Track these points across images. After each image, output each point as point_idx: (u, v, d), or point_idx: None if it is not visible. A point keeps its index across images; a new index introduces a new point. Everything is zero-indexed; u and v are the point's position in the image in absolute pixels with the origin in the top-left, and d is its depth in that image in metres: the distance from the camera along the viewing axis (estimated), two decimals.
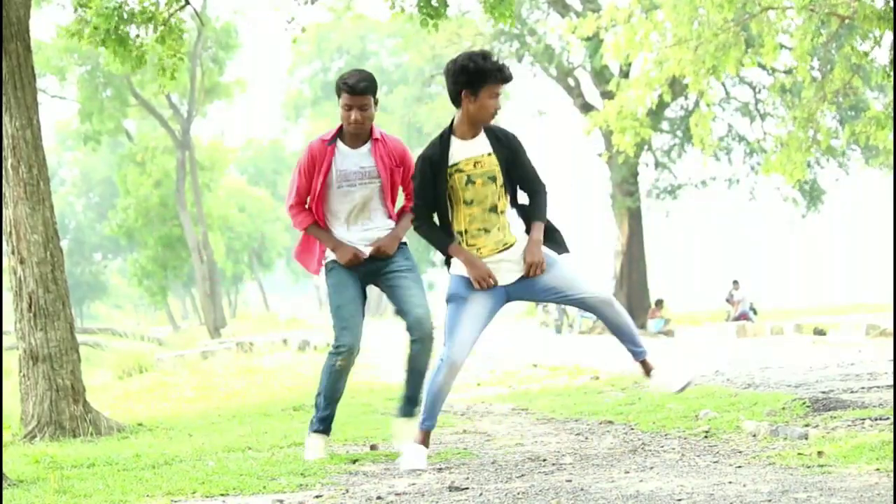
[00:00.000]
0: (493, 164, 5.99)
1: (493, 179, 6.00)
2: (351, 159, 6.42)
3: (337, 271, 6.48)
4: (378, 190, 6.46)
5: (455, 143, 6.03)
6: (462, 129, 6.02)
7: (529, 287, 6.09)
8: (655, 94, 18.77)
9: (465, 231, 6.05)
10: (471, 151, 6.00)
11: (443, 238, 6.07)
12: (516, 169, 6.06)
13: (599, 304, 6.09)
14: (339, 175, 6.40)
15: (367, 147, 6.44)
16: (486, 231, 6.03)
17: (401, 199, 6.71)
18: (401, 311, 6.50)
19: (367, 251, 6.46)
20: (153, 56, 10.92)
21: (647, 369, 6.26)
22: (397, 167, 6.50)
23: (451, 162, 5.98)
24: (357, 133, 6.39)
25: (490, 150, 6.01)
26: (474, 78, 5.89)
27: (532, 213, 6.11)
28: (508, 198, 6.08)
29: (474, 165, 5.98)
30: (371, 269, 6.50)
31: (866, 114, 17.01)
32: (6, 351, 19.93)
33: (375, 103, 6.37)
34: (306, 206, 6.52)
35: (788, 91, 22.73)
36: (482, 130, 6.05)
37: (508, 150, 6.04)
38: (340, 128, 6.46)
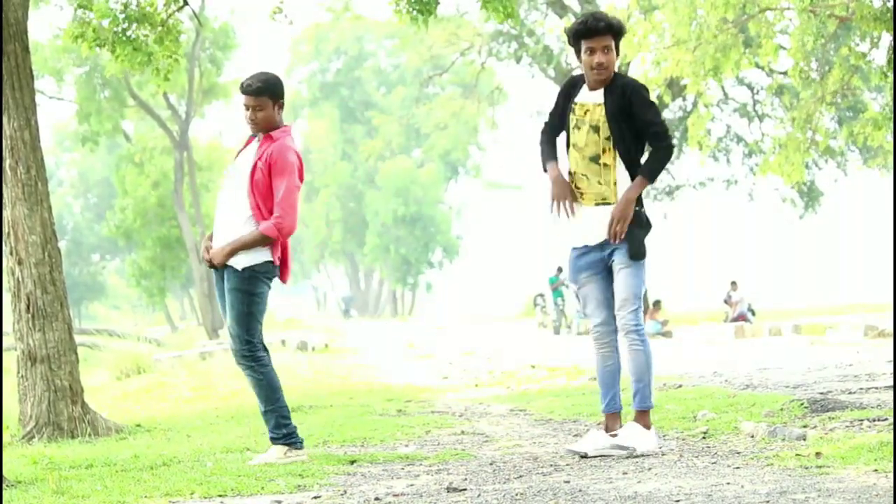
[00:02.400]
0: (599, 115, 6.13)
1: (597, 130, 6.13)
2: (244, 154, 6.55)
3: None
4: (243, 189, 6.44)
5: (583, 89, 6.26)
6: (591, 82, 6.22)
7: (613, 267, 6.23)
8: (654, 94, 18.78)
9: (574, 172, 6.23)
10: (587, 98, 6.20)
11: (549, 154, 6.31)
12: (630, 120, 6.13)
13: (623, 331, 6.16)
14: (231, 168, 6.56)
15: (256, 144, 6.54)
16: (587, 178, 6.18)
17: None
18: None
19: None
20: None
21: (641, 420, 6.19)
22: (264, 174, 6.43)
23: (575, 99, 6.24)
24: (254, 131, 6.53)
25: (601, 100, 6.15)
26: (570, 37, 6.24)
27: (640, 168, 6.18)
28: (618, 153, 6.14)
29: (584, 113, 6.17)
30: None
31: (864, 114, 17.02)
32: (4, 352, 19.92)
33: (276, 106, 6.44)
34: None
35: (787, 92, 22.75)
36: (609, 83, 6.17)
37: (622, 103, 6.12)
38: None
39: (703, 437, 6.67)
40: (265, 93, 6.43)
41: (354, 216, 62.97)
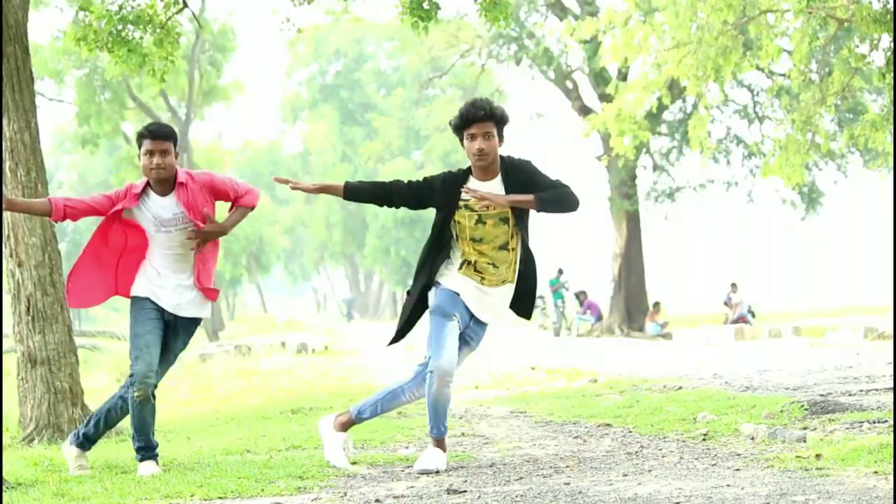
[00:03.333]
0: (506, 208, 6.06)
1: (505, 220, 6.10)
2: (161, 206, 6.44)
3: (140, 302, 6.50)
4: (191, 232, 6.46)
5: (472, 180, 6.14)
6: (476, 170, 6.14)
7: (472, 329, 6.26)
8: (654, 96, 18.79)
9: (474, 262, 6.15)
10: (485, 190, 6.06)
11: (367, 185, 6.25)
12: (535, 189, 6.07)
13: (440, 380, 6.03)
14: (158, 222, 6.42)
15: (172, 194, 6.44)
16: (494, 266, 6.16)
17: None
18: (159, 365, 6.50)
19: (173, 306, 6.47)
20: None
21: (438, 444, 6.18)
22: (208, 201, 6.48)
23: (459, 196, 6.07)
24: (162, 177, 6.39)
25: (502, 190, 6.07)
26: (453, 129, 6.15)
27: (546, 193, 6.07)
28: (520, 237, 6.16)
29: (487, 207, 6.04)
30: (170, 321, 6.52)
31: (864, 116, 17.02)
32: (5, 354, 19.92)
33: (175, 153, 6.42)
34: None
35: (787, 93, 22.74)
36: (498, 172, 6.10)
37: (522, 181, 6.08)
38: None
39: (703, 439, 6.67)
40: (171, 138, 6.41)
41: (354, 218, 62.99)
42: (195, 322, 6.59)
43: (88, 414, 8.89)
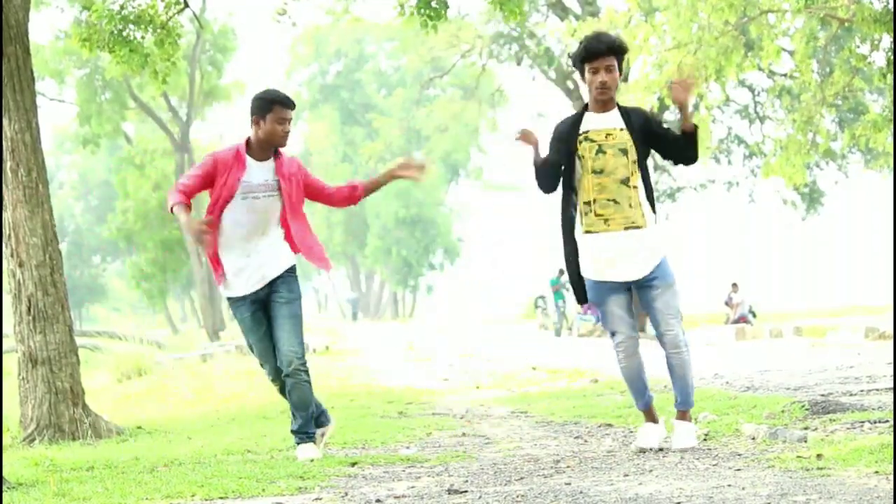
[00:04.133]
0: (625, 138, 6.15)
1: (625, 152, 6.16)
2: (254, 169, 6.53)
3: (238, 308, 6.61)
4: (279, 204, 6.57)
5: (587, 117, 6.22)
6: (594, 104, 6.21)
7: (643, 294, 6.27)
8: (655, 97, 18.78)
9: (594, 201, 6.17)
10: (603, 123, 6.18)
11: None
12: (654, 138, 6.21)
13: (669, 344, 6.34)
14: (245, 186, 6.49)
15: (270, 160, 6.57)
16: (616, 202, 6.16)
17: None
18: (274, 347, 6.60)
19: (256, 282, 6.54)
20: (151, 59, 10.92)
21: (680, 417, 6.41)
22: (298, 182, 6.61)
23: (583, 128, 6.18)
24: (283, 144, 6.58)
25: (622, 124, 6.17)
26: (574, 61, 6.22)
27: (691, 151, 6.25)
28: (640, 175, 6.20)
29: (606, 137, 6.15)
30: (262, 297, 6.58)
31: (865, 117, 17.02)
32: (5, 354, 19.92)
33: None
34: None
35: (787, 94, 22.74)
36: (616, 106, 6.21)
37: (643, 125, 6.19)
38: (248, 140, 6.59)
39: (704, 439, 6.67)
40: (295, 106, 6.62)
41: (355, 218, 62.96)
42: (284, 276, 6.58)
43: (90, 414, 8.90)
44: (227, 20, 38.19)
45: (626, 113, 6.22)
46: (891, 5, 14.09)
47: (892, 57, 14.67)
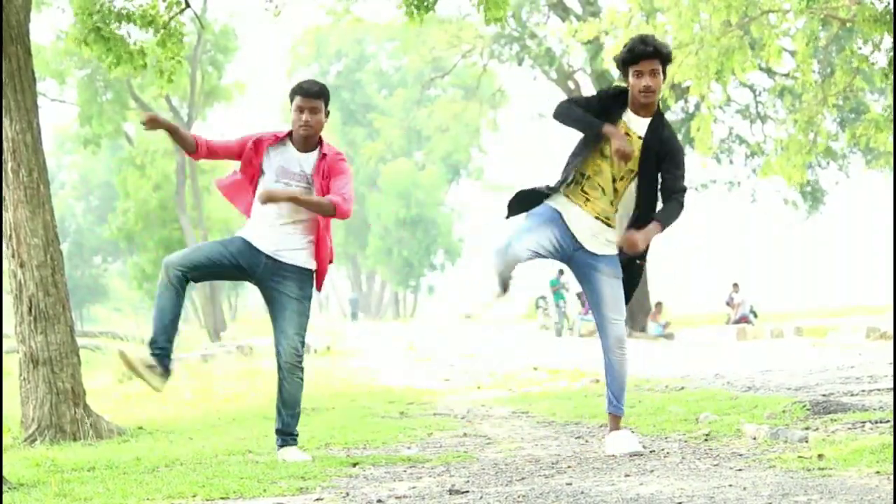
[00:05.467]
0: (636, 146, 6.14)
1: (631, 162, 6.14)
2: (293, 158, 6.56)
3: (234, 240, 6.59)
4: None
5: (627, 111, 6.21)
6: (634, 105, 6.20)
7: (587, 269, 6.25)
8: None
9: (589, 177, 6.20)
10: (631, 124, 6.18)
11: (591, 117, 6.16)
12: (660, 168, 6.18)
13: (613, 338, 6.28)
14: (279, 170, 6.53)
15: (313, 153, 6.58)
16: (603, 192, 6.20)
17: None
18: (277, 337, 6.58)
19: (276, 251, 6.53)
20: (153, 59, 10.92)
21: (613, 425, 6.40)
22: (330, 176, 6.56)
23: (617, 112, 6.16)
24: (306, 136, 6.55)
25: (643, 134, 6.15)
26: (619, 64, 6.21)
27: (657, 215, 6.19)
28: (634, 186, 6.17)
29: (625, 135, 6.14)
30: (266, 273, 6.54)
31: (866, 116, 17.02)
32: (6, 354, 19.92)
33: (326, 113, 6.58)
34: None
35: (789, 94, 22.73)
36: (653, 113, 6.18)
37: (659, 149, 6.14)
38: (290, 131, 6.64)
39: (706, 440, 6.67)
40: (322, 96, 6.54)
41: (356, 218, 62.91)
42: (300, 272, 6.56)
43: (91, 414, 8.90)
44: (228, 20, 38.23)
45: (656, 129, 6.15)
46: (891, 6, 14.09)
47: (892, 57, 14.67)
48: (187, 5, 10.59)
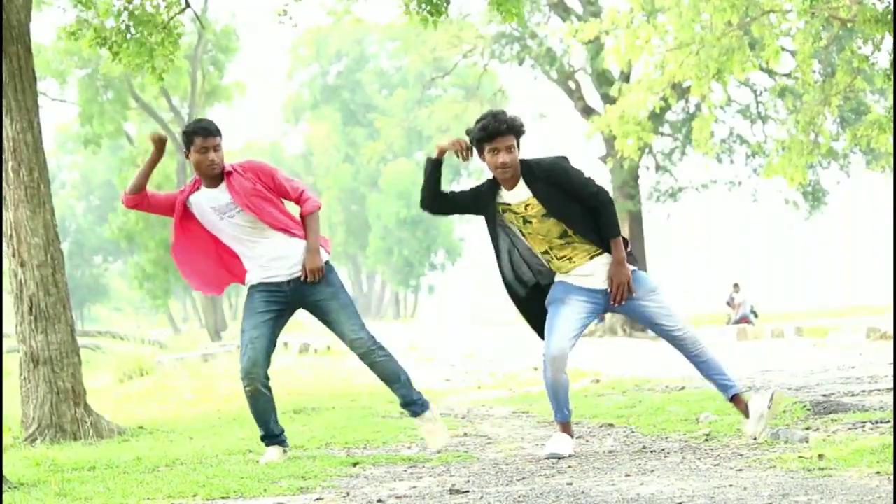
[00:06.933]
0: (538, 208, 6.15)
1: (547, 216, 6.16)
2: (213, 196, 6.59)
3: (252, 295, 6.62)
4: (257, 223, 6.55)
5: (500, 191, 6.27)
6: (500, 181, 6.25)
7: (628, 303, 6.29)
8: (657, 97, 18.77)
9: (549, 249, 6.25)
10: (514, 198, 6.21)
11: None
12: (568, 194, 6.16)
13: (690, 342, 6.31)
14: (216, 209, 6.56)
15: (223, 185, 6.58)
16: (573, 246, 6.23)
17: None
18: (341, 338, 6.73)
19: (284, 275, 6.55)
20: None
21: (742, 408, 6.37)
22: (256, 186, 6.55)
23: (500, 200, 6.24)
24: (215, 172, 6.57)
25: (529, 195, 6.16)
26: (473, 142, 6.26)
27: (604, 232, 6.21)
28: (576, 224, 6.17)
29: (525, 208, 6.18)
30: (296, 296, 6.58)
31: (867, 117, 17.02)
32: (6, 354, 19.93)
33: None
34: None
35: (790, 94, 22.73)
36: (520, 177, 6.19)
37: (550, 184, 6.15)
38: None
39: (706, 440, 6.67)
40: (220, 132, 6.60)
41: (357, 218, 62.99)
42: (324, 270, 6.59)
43: (91, 414, 8.90)
44: (229, 20, 38.24)
45: (533, 179, 6.15)
46: (892, 6, 14.09)
47: (893, 58, 14.67)
48: (187, 5, 10.60)
